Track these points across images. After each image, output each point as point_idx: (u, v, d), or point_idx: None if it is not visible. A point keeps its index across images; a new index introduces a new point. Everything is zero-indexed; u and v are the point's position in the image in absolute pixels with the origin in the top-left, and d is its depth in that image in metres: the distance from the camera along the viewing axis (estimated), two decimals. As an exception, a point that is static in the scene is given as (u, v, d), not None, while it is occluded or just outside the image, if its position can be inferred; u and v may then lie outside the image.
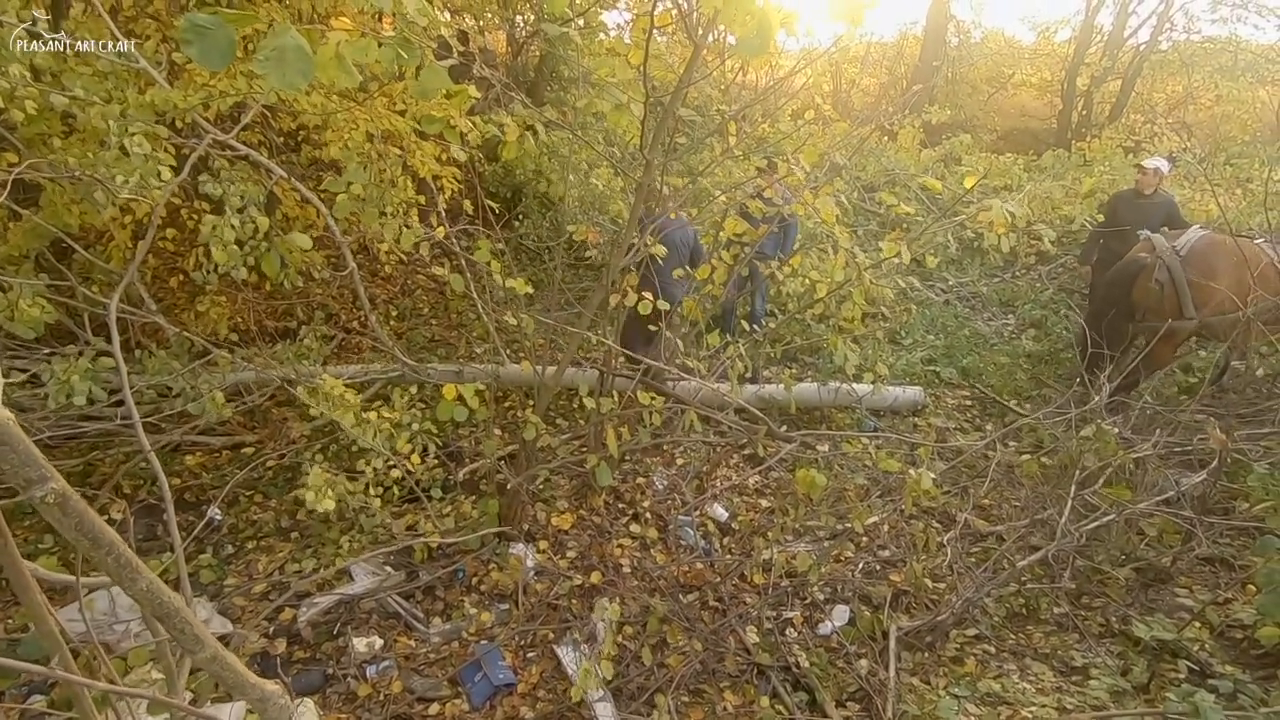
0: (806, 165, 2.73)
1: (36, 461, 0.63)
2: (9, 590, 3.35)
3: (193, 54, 0.96)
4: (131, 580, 0.75)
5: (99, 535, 0.71)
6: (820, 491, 2.77)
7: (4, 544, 0.77)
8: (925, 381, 5.13)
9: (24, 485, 0.63)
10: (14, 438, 0.61)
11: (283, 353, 4.44)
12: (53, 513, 0.65)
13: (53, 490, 0.64)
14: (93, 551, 0.71)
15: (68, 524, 0.67)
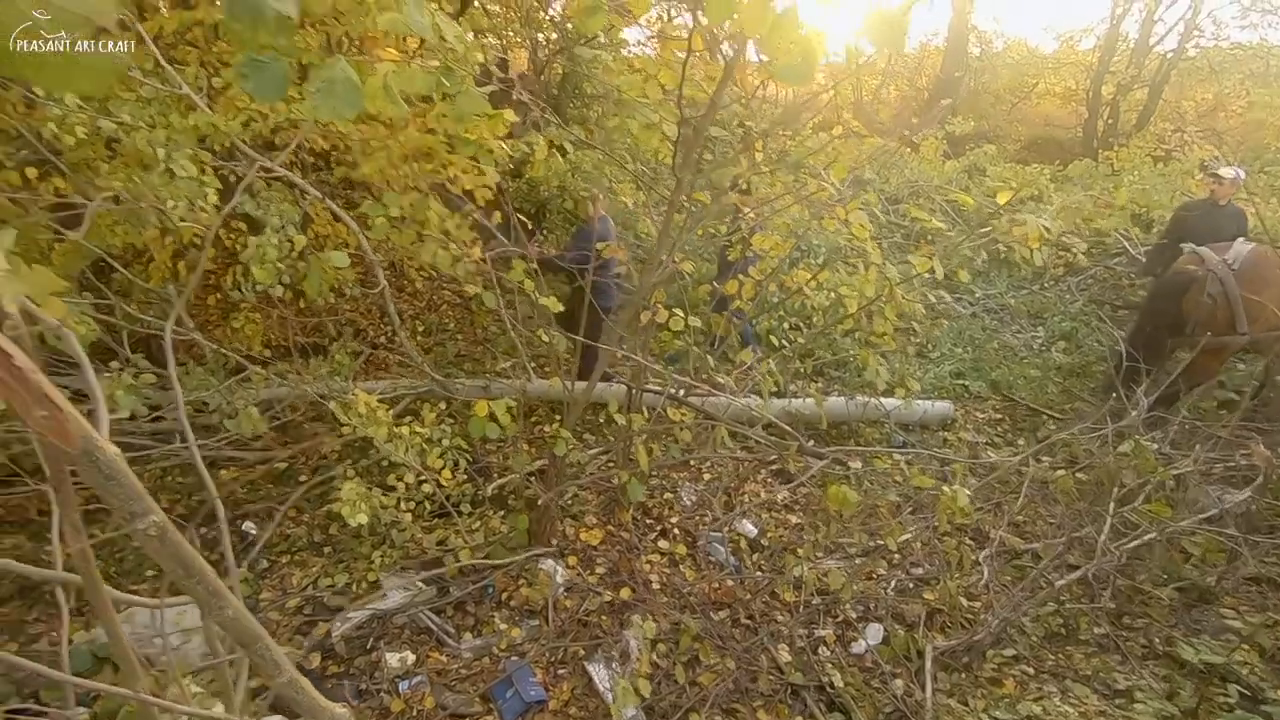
0: (836, 180, 2.73)
1: (140, 496, 0.65)
2: (50, 604, 3.43)
3: (249, 87, 1.00)
4: (219, 608, 0.77)
5: (191, 565, 0.73)
6: (852, 508, 2.74)
7: (88, 568, 0.80)
8: (954, 395, 5.08)
9: (128, 518, 0.66)
10: (121, 473, 0.63)
11: (315, 368, 4.52)
12: (152, 544, 0.68)
13: (154, 523, 0.66)
14: (185, 580, 0.73)
15: (165, 554, 0.70)
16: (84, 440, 0.62)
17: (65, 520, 0.74)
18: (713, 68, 2.80)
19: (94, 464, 0.64)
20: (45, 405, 0.58)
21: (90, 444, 0.63)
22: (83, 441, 0.62)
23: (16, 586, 3.47)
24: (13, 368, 0.54)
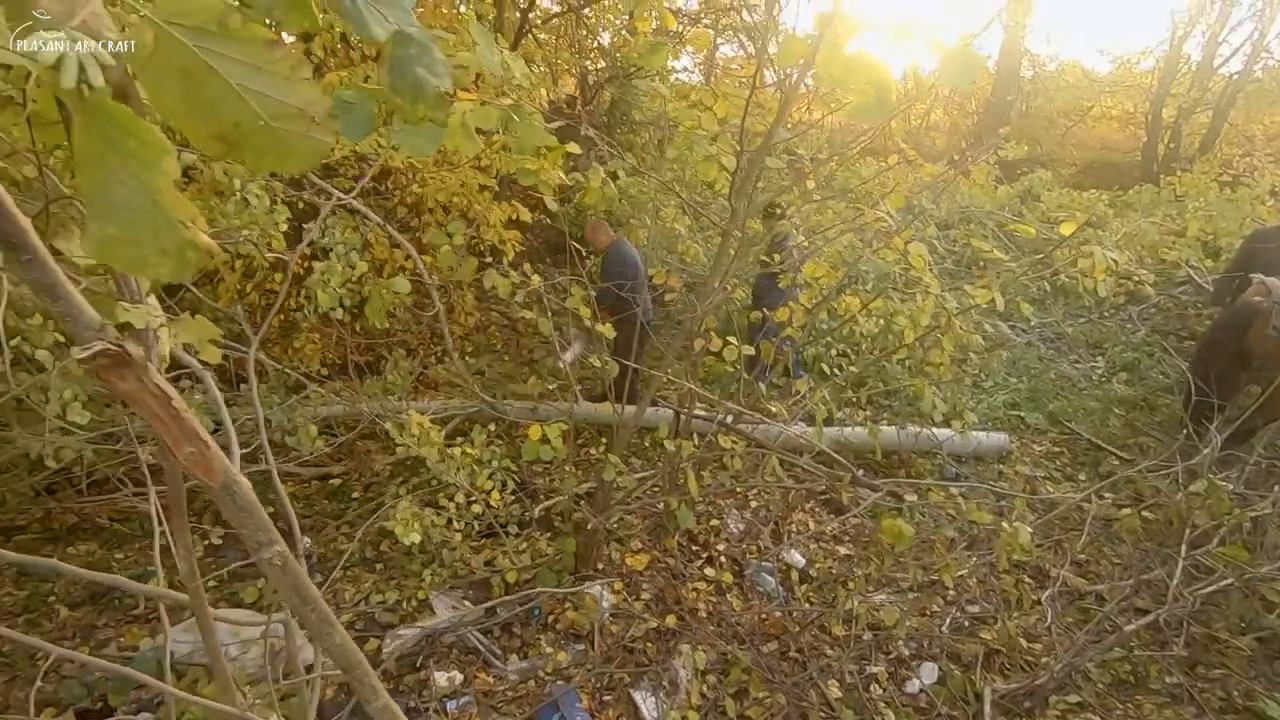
0: (893, 210, 2.71)
1: (268, 527, 0.69)
2: (119, 610, 3.58)
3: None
4: (328, 635, 0.81)
5: (307, 593, 0.77)
6: (907, 542, 2.68)
7: (196, 588, 0.84)
8: (1009, 426, 4.93)
9: (255, 547, 0.70)
10: (253, 505, 0.68)
11: (370, 387, 4.65)
12: (275, 572, 0.72)
13: (278, 553, 0.71)
14: (300, 607, 0.77)
15: (285, 582, 0.74)
16: (224, 475, 0.66)
17: (179, 543, 0.79)
18: (762, 94, 2.83)
19: (230, 496, 0.68)
20: (194, 443, 0.62)
21: (230, 478, 0.67)
22: (223, 476, 0.66)
23: (88, 592, 3.63)
24: (170, 408, 0.58)
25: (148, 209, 0.46)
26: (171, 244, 0.47)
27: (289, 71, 0.47)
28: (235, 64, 0.46)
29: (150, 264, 0.48)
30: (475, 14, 4.59)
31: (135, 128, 0.44)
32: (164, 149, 0.44)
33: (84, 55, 0.40)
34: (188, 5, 0.44)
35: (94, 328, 0.57)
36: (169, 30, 0.44)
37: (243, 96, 0.46)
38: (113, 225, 0.46)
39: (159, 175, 0.45)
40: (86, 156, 0.44)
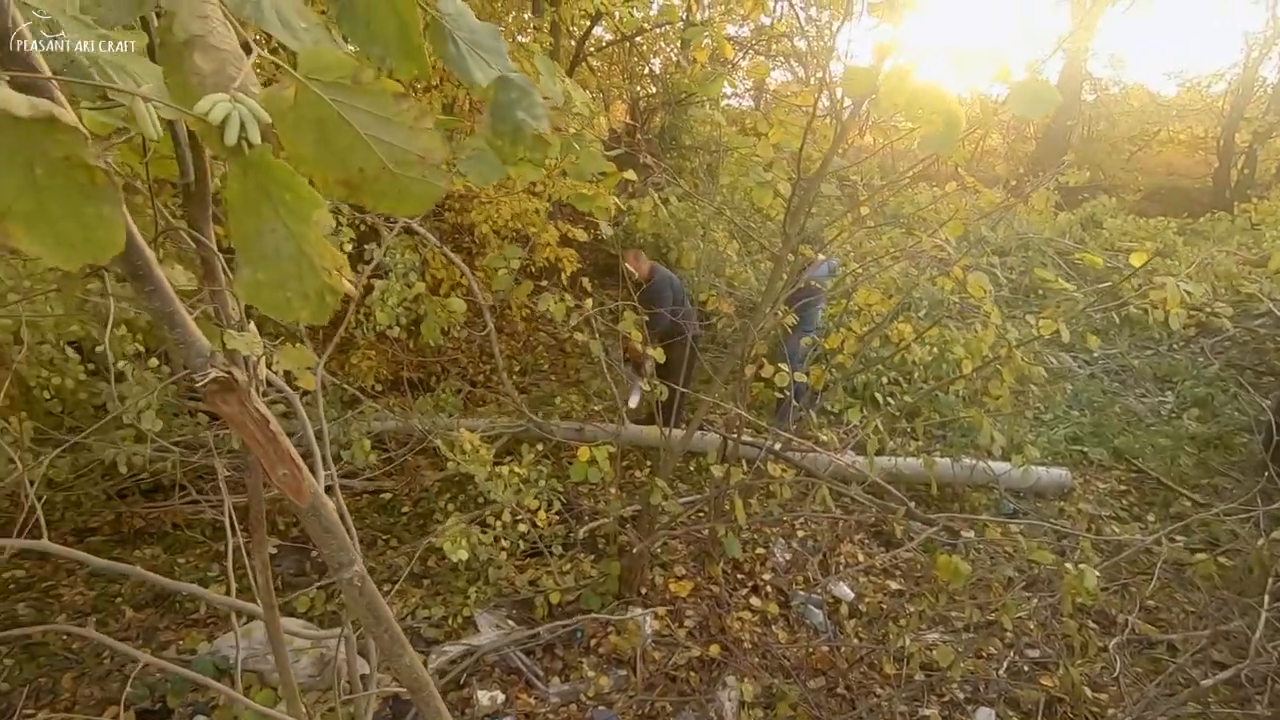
0: (950, 238, 2.66)
1: (349, 548, 0.72)
2: (180, 613, 3.71)
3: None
4: (399, 655, 0.83)
5: (380, 614, 0.80)
6: (963, 580, 2.59)
7: (269, 600, 0.87)
8: (1071, 462, 4.73)
9: (336, 567, 0.72)
10: (337, 526, 0.70)
11: (421, 404, 4.76)
12: (353, 592, 0.75)
13: (357, 573, 0.73)
14: (374, 627, 0.79)
15: (361, 602, 0.76)
16: (312, 496, 0.69)
17: (257, 558, 0.82)
18: (818, 121, 2.83)
19: (316, 517, 0.71)
20: (288, 465, 0.65)
21: (317, 500, 0.70)
22: (311, 497, 0.69)
23: (151, 595, 3.77)
24: (268, 431, 0.61)
25: (295, 257, 0.49)
26: (313, 289, 0.50)
27: (413, 122, 0.50)
28: (365, 115, 0.49)
29: (293, 307, 0.51)
30: (537, 44, 4.74)
31: (291, 182, 0.47)
32: (316, 202, 0.47)
33: (245, 115, 0.43)
34: (326, 62, 0.48)
35: (205, 354, 0.61)
36: (308, 85, 0.47)
37: (370, 145, 0.49)
38: (262, 271, 0.49)
39: (310, 226, 0.48)
40: (242, 206, 0.48)
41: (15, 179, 0.42)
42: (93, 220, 0.44)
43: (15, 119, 0.40)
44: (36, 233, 0.43)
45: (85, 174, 0.43)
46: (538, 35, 5.33)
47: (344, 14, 0.52)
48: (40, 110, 0.41)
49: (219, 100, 0.43)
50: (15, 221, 0.43)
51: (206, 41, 0.45)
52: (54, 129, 0.42)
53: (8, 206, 0.42)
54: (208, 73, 0.44)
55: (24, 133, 0.41)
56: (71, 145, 0.43)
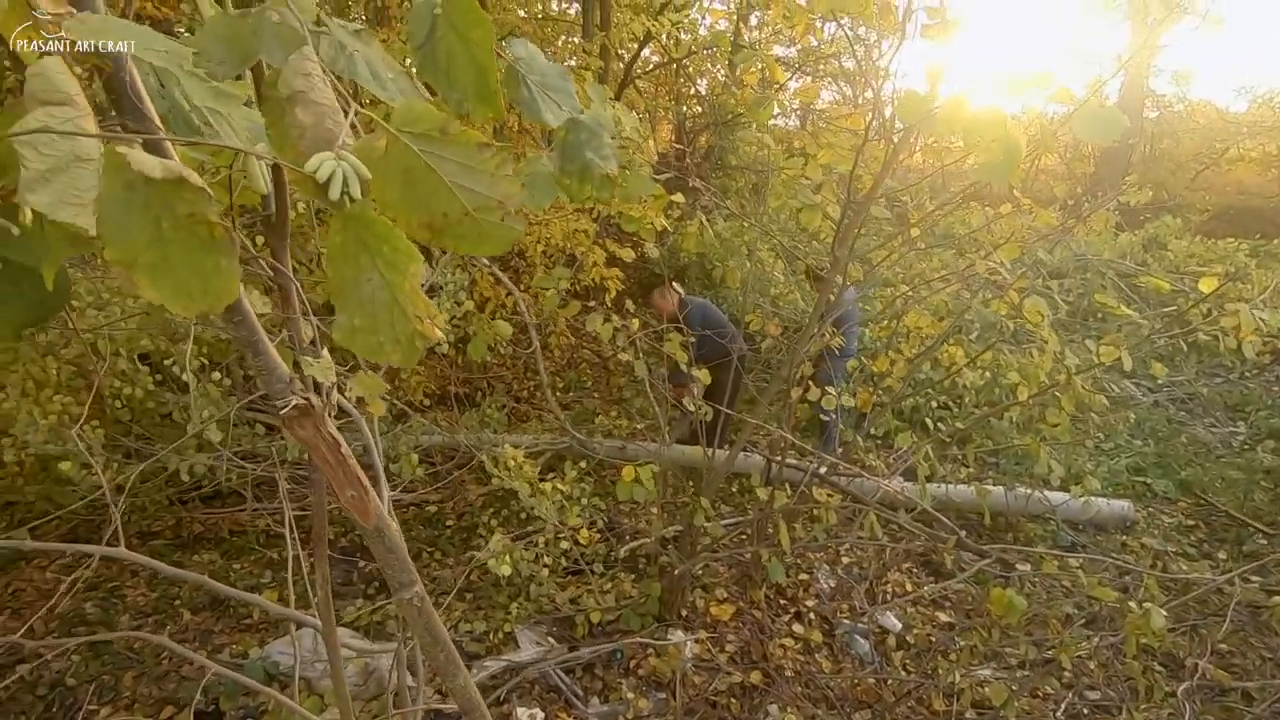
0: (1006, 261, 2.60)
1: (410, 568, 0.74)
2: (233, 618, 3.83)
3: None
4: (453, 675, 0.85)
5: (438, 635, 0.82)
6: (1018, 615, 2.49)
7: (328, 615, 0.90)
8: (1133, 494, 4.52)
9: (397, 587, 0.75)
10: (400, 548, 0.73)
11: (467, 419, 4.84)
12: (412, 613, 0.77)
13: (417, 594, 0.75)
14: (430, 647, 0.81)
15: (419, 623, 0.78)
16: (378, 519, 0.72)
17: (318, 572, 0.85)
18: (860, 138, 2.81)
19: (381, 538, 0.73)
20: (356, 488, 0.68)
21: (382, 521, 0.72)
22: (377, 519, 0.71)
23: (208, 599, 3.91)
24: (339, 455, 0.64)
25: (388, 305, 0.52)
26: (404, 335, 0.53)
27: (494, 169, 0.53)
28: (450, 163, 0.52)
29: (385, 351, 0.54)
30: (588, 70, 4.84)
31: (390, 236, 0.50)
32: (413, 256, 0.51)
33: (348, 172, 0.46)
34: (417, 115, 0.51)
35: (285, 381, 0.64)
36: (399, 136, 0.50)
37: (454, 192, 0.52)
38: (358, 317, 0.52)
39: (405, 278, 0.51)
40: (341, 256, 0.51)
41: (144, 234, 0.45)
42: (210, 271, 0.48)
43: (149, 179, 0.44)
44: (159, 283, 0.47)
45: (206, 229, 0.47)
46: (588, 59, 5.44)
47: (425, 64, 0.56)
48: (171, 172, 0.45)
49: (325, 159, 0.46)
50: (141, 273, 0.46)
51: (308, 97, 0.48)
52: (182, 188, 0.46)
53: (135, 259, 0.46)
54: (307, 125, 0.47)
55: (155, 192, 0.45)
56: (196, 203, 0.46)
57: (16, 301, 0.56)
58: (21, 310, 0.56)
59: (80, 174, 0.41)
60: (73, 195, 0.40)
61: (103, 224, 0.42)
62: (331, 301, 0.52)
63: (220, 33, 0.52)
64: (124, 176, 0.44)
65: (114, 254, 0.45)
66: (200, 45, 0.52)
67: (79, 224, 0.40)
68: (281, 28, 0.52)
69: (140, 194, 0.45)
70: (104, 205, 0.43)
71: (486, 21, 0.54)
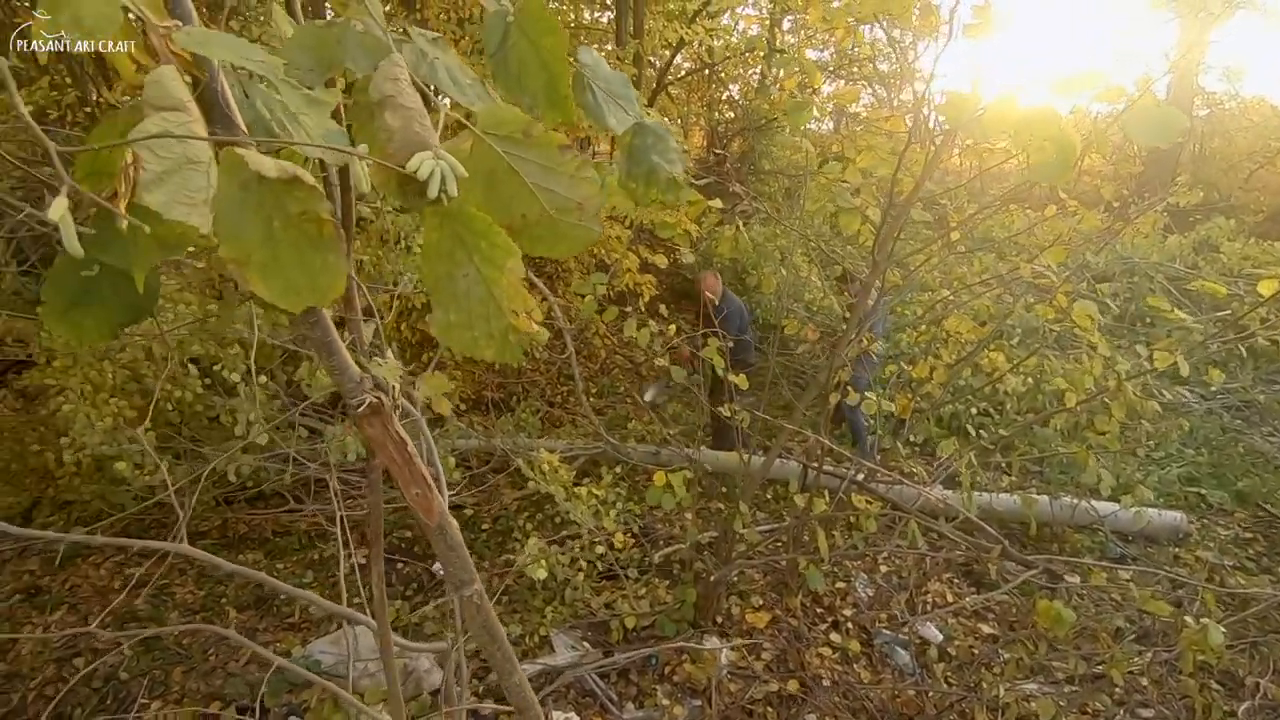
0: (1052, 264, 2.54)
1: (470, 566, 0.76)
2: (277, 617, 3.92)
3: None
4: (509, 673, 0.86)
5: (495, 632, 0.83)
6: (1066, 628, 2.41)
7: (383, 614, 0.92)
8: (1186, 504, 4.36)
9: (457, 584, 0.77)
10: (461, 545, 0.74)
11: (503, 424, 4.89)
12: (471, 609, 0.78)
13: (476, 591, 0.77)
14: (488, 644, 0.83)
15: (478, 620, 0.80)
16: (440, 516, 0.73)
17: (374, 571, 0.87)
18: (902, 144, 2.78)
19: (443, 536, 0.75)
20: (421, 486, 0.69)
21: (444, 519, 0.74)
22: (440, 517, 0.73)
23: (254, 597, 4.01)
24: (405, 453, 0.66)
25: (484, 299, 0.53)
26: (498, 330, 0.54)
27: (574, 171, 0.54)
28: (532, 165, 0.53)
29: (480, 346, 0.55)
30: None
31: (489, 232, 0.52)
32: (511, 251, 0.52)
33: (445, 170, 0.48)
34: (502, 118, 0.52)
35: (357, 380, 0.66)
36: (484, 139, 0.52)
37: (535, 193, 0.53)
38: (454, 312, 0.54)
39: (503, 273, 0.52)
40: (437, 252, 0.53)
41: (257, 232, 0.48)
42: (319, 268, 0.50)
43: (263, 179, 0.46)
44: (270, 280, 0.49)
45: (316, 227, 0.49)
46: (621, 66, 5.49)
47: (498, 71, 0.57)
48: (286, 172, 0.47)
49: (425, 158, 0.48)
50: (253, 270, 0.49)
51: (397, 101, 0.50)
52: (294, 187, 0.48)
53: (248, 256, 0.48)
54: (396, 128, 0.49)
55: (268, 191, 0.47)
56: (308, 201, 0.48)
57: (113, 303, 0.59)
58: (117, 311, 0.60)
59: (191, 176, 0.43)
60: (185, 195, 0.43)
61: (218, 223, 0.45)
62: (428, 298, 0.54)
63: (306, 43, 0.54)
64: (240, 177, 0.46)
65: (228, 251, 0.47)
66: (288, 55, 0.54)
67: (190, 222, 0.43)
68: (365, 36, 0.54)
69: (254, 194, 0.47)
70: (220, 205, 0.45)
71: (558, 29, 0.55)
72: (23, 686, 3.38)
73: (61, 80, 4.87)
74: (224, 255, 0.47)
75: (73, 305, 0.59)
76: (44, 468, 4.24)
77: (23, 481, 4.41)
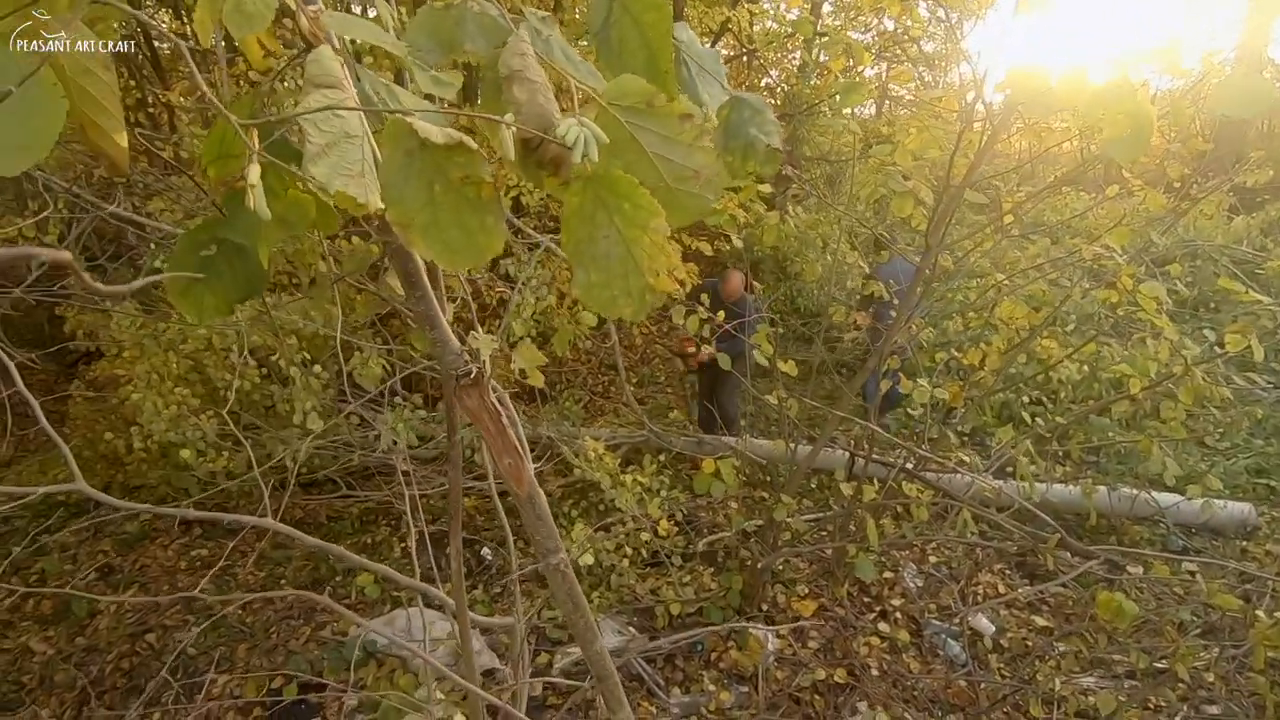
0: (1116, 246, 2.45)
1: (555, 535, 0.78)
2: (335, 597, 4.06)
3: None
4: (590, 641, 0.88)
5: (578, 601, 0.85)
6: (1128, 621, 2.35)
7: (460, 587, 0.95)
8: (1255, 496, 4.19)
9: (543, 553, 0.79)
10: (548, 515, 0.77)
11: (547, 413, 4.96)
12: (556, 577, 0.81)
13: (562, 559, 0.79)
14: (571, 613, 0.85)
15: (563, 588, 0.82)
16: (530, 486, 0.76)
17: (453, 545, 0.90)
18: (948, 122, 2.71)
19: (531, 505, 0.77)
20: (513, 455, 0.72)
21: (533, 489, 0.76)
22: (529, 486, 0.75)
23: (310, 579, 4.16)
24: (500, 424, 0.68)
25: (622, 259, 0.55)
26: (635, 289, 0.56)
27: (692, 140, 0.55)
28: (653, 135, 0.55)
29: (618, 305, 0.57)
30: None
31: (632, 193, 0.53)
32: (656, 211, 0.54)
33: (588, 136, 0.50)
34: (626, 89, 0.54)
35: (457, 352, 0.69)
36: (609, 109, 0.53)
37: (654, 162, 0.55)
38: (594, 273, 0.56)
39: (645, 232, 0.54)
40: (578, 215, 0.55)
41: (420, 196, 0.50)
42: (477, 229, 0.53)
43: (426, 145, 0.49)
44: (430, 240, 0.52)
45: (475, 189, 0.51)
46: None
47: (600, 48, 0.59)
48: (452, 138, 0.50)
49: (571, 124, 0.50)
50: (416, 232, 0.51)
51: (524, 75, 0.52)
52: (458, 153, 0.50)
53: (412, 220, 0.51)
54: (522, 101, 0.51)
55: (429, 157, 0.50)
56: (470, 165, 0.51)
57: (229, 278, 0.63)
58: (234, 287, 0.63)
59: (349, 149, 0.46)
60: (344, 168, 0.45)
61: (386, 189, 0.47)
62: (570, 261, 0.56)
63: (427, 26, 0.57)
64: (405, 145, 0.49)
65: (394, 215, 0.50)
66: (410, 38, 0.57)
67: (349, 193, 0.45)
68: (482, 17, 0.56)
69: (417, 160, 0.49)
70: (386, 171, 0.48)
71: (661, 5, 0.56)
72: (100, 659, 3.57)
73: (125, 83, 5.07)
74: (390, 219, 0.50)
75: (193, 282, 0.63)
76: (114, 454, 4.46)
77: (94, 468, 4.64)
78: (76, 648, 3.64)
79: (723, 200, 2.72)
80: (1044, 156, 8.60)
